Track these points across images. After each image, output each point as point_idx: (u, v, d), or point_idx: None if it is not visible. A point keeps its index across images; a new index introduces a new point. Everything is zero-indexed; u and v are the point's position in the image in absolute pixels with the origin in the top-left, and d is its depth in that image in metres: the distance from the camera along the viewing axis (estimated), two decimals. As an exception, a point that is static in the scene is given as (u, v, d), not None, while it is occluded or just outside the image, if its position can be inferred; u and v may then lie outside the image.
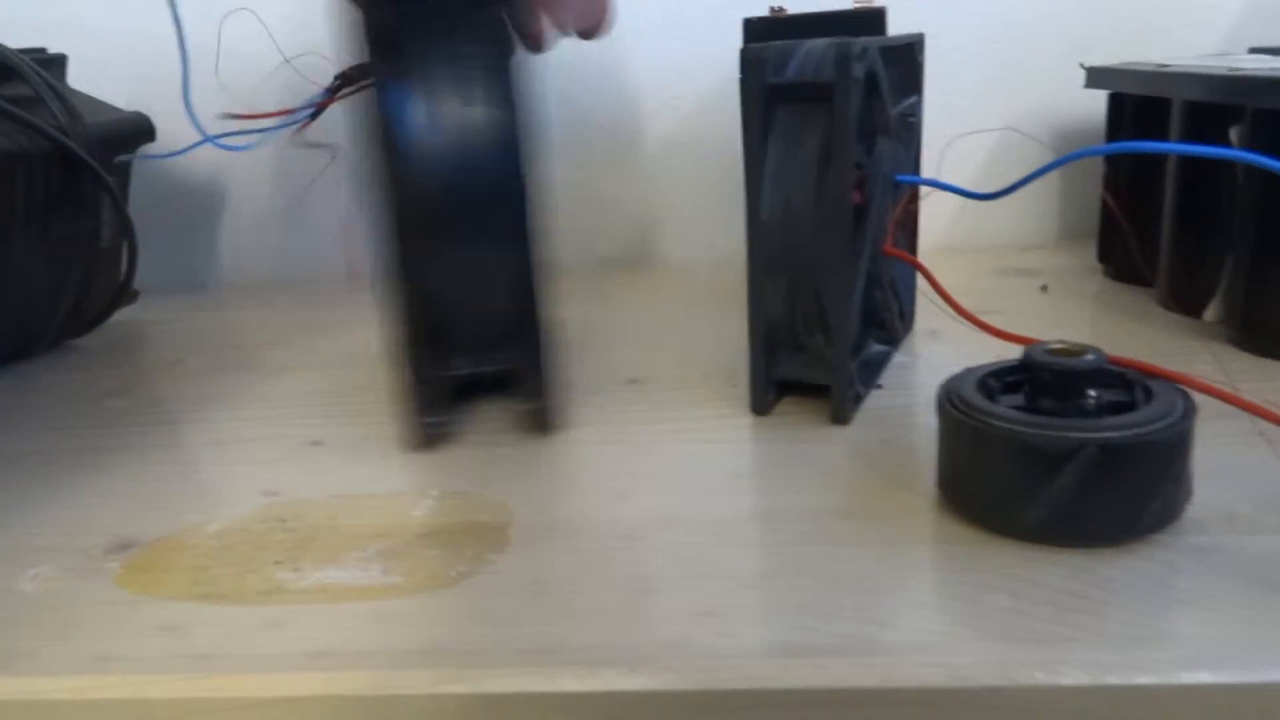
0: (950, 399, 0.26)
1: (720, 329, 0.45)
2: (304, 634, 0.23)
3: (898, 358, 0.39)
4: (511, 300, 0.33)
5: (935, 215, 0.53)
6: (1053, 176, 0.57)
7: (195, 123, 0.36)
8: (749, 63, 0.31)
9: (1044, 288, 0.48)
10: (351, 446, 0.35)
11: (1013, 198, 0.32)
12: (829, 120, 0.32)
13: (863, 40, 0.32)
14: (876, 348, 0.39)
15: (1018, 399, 0.26)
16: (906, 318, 0.42)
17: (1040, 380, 0.26)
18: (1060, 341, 0.26)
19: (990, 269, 0.52)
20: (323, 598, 0.25)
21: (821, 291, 0.33)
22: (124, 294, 0.51)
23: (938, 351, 0.40)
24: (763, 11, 0.45)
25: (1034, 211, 0.58)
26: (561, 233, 0.38)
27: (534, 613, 0.24)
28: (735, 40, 0.48)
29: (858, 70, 0.31)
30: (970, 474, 0.26)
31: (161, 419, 0.40)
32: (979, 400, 0.26)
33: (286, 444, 0.35)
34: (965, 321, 0.37)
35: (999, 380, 0.27)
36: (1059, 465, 0.24)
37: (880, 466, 0.30)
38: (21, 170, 0.44)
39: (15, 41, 0.46)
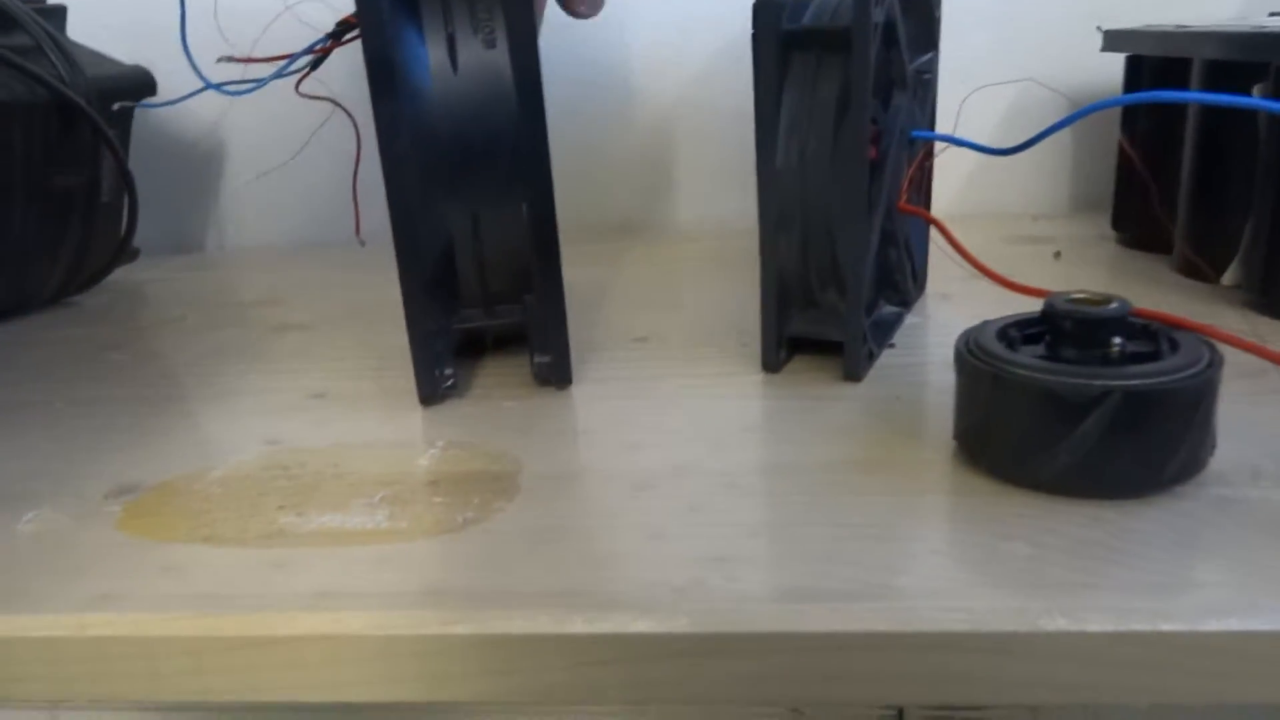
0: (969, 348, 0.26)
1: (729, 290, 0.44)
2: (307, 576, 0.23)
3: (910, 319, 0.39)
4: (522, 252, 0.32)
5: (947, 181, 0.52)
6: (1066, 145, 0.57)
7: (195, 67, 0.35)
8: (763, 7, 0.30)
9: (1057, 254, 0.47)
10: (355, 398, 0.34)
11: (1025, 164, 0.32)
12: (845, 69, 0.31)
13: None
14: (889, 308, 0.38)
15: (1039, 349, 0.26)
16: (919, 279, 0.41)
17: (1062, 329, 0.25)
18: (1082, 291, 0.26)
19: (1002, 236, 0.52)
20: (326, 541, 0.24)
21: (836, 244, 0.32)
22: (124, 251, 0.50)
23: (950, 313, 0.40)
24: None
25: (1046, 180, 0.57)
26: (568, 194, 0.38)
27: (543, 558, 0.23)
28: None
29: (877, 15, 0.30)
30: (990, 424, 0.25)
31: (162, 372, 0.39)
32: (999, 349, 0.25)
33: (289, 396, 0.35)
34: (978, 282, 0.37)
35: (1019, 331, 0.27)
36: (1082, 413, 0.23)
37: (894, 421, 0.30)
38: (20, 120, 0.43)
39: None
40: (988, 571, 0.22)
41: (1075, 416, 0.23)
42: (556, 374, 0.33)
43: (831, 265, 0.32)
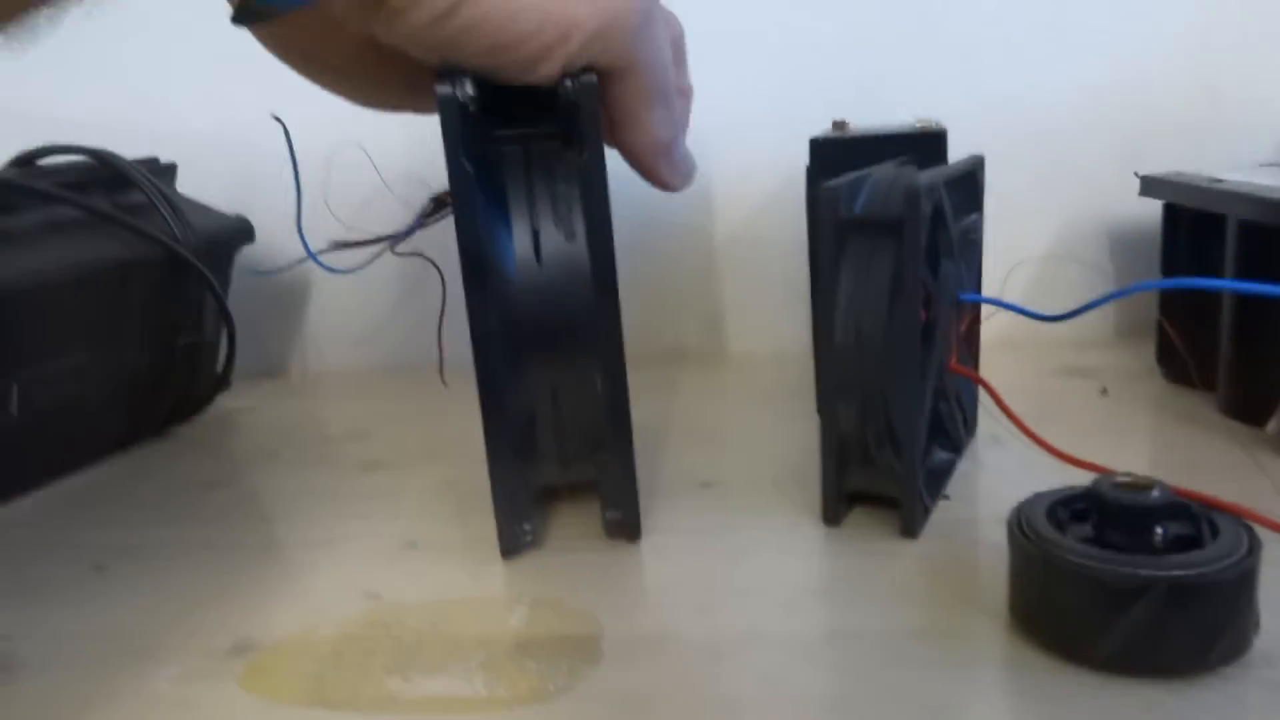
0: (1022, 528, 0.28)
1: (787, 427, 0.47)
2: (418, 745, 0.25)
3: (961, 465, 0.41)
4: (597, 413, 0.35)
5: (996, 311, 0.54)
6: (1111, 274, 0.59)
7: (306, 247, 0.39)
8: (824, 200, 0.33)
9: (1104, 391, 0.49)
10: (444, 549, 0.37)
11: (1072, 295, 0.34)
12: (898, 249, 0.34)
13: (929, 175, 0.34)
14: (941, 455, 0.40)
15: (1086, 529, 0.28)
16: (970, 425, 0.43)
17: (1109, 513, 0.27)
18: (1127, 475, 0.28)
19: (1049, 368, 0.54)
20: (432, 709, 0.27)
21: (891, 410, 0.34)
22: (221, 386, 0.55)
23: (1000, 459, 0.41)
24: (822, 120, 0.47)
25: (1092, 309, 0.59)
26: (629, 323, 0.40)
27: (631, 730, 0.25)
28: (796, 144, 0.51)
29: (925, 207, 0.33)
30: (1042, 603, 0.27)
31: (263, 515, 0.42)
32: (1050, 531, 0.27)
33: (383, 544, 0.38)
34: (1029, 424, 0.39)
35: (1067, 509, 0.29)
36: (1130, 601, 0.25)
37: (951, 584, 0.31)
38: (137, 275, 0.48)
39: (128, 148, 0.50)
40: (1046, 756, 0.23)
41: (1123, 603, 0.25)
42: (627, 531, 0.36)
43: (887, 428, 0.35)
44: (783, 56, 0.59)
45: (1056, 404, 0.48)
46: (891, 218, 0.33)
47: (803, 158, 0.45)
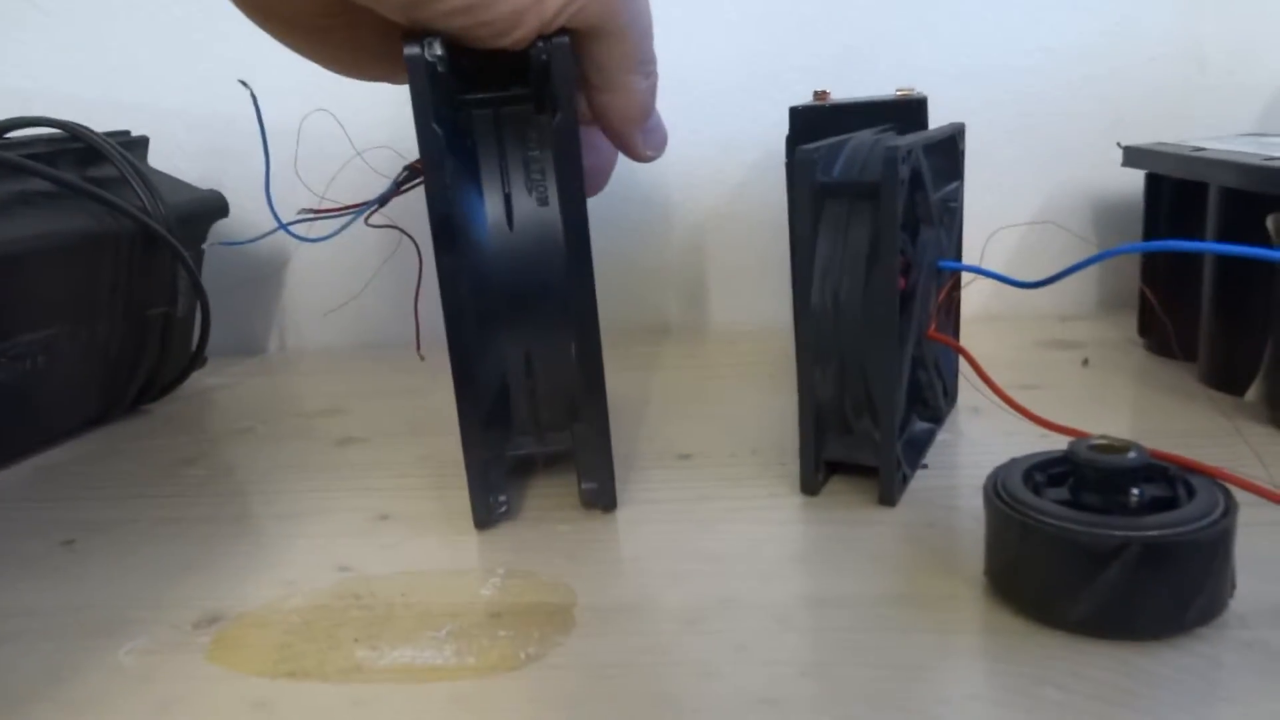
0: (998, 492, 0.28)
1: (768, 400, 0.46)
2: (387, 714, 0.25)
3: (941, 435, 0.41)
4: (570, 386, 0.35)
5: (979, 283, 0.54)
6: (1093, 245, 0.58)
7: (275, 215, 0.38)
8: (800, 164, 0.33)
9: (1085, 361, 0.49)
10: (417, 521, 0.37)
11: (1053, 264, 0.34)
12: (875, 215, 0.33)
13: (907, 140, 0.33)
14: (921, 425, 0.40)
15: (1063, 492, 0.27)
16: (950, 395, 0.43)
17: (1084, 475, 0.27)
18: (1103, 437, 0.28)
19: (1031, 340, 0.53)
20: (401, 677, 0.26)
21: (869, 378, 0.34)
22: (196, 361, 0.54)
23: (980, 428, 0.41)
24: (801, 93, 0.47)
25: (1074, 281, 0.59)
26: (609, 300, 0.40)
27: (601, 698, 0.25)
28: (777, 115, 0.50)
29: (903, 172, 0.32)
30: (1018, 566, 0.27)
31: (236, 489, 0.42)
32: (1025, 495, 0.27)
33: (355, 517, 0.37)
34: (1009, 394, 0.39)
35: (1044, 473, 0.28)
36: (1104, 562, 0.25)
37: (928, 550, 0.31)
38: (109, 249, 0.47)
39: (99, 122, 0.50)
40: (1027, 715, 0.23)
41: (1098, 565, 0.25)
42: (603, 499, 0.35)
43: (865, 396, 0.34)
44: (763, 26, 0.58)
45: (1038, 374, 0.48)
46: (869, 182, 0.33)
47: (783, 129, 0.44)
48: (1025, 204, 0.58)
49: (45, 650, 0.29)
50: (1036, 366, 0.49)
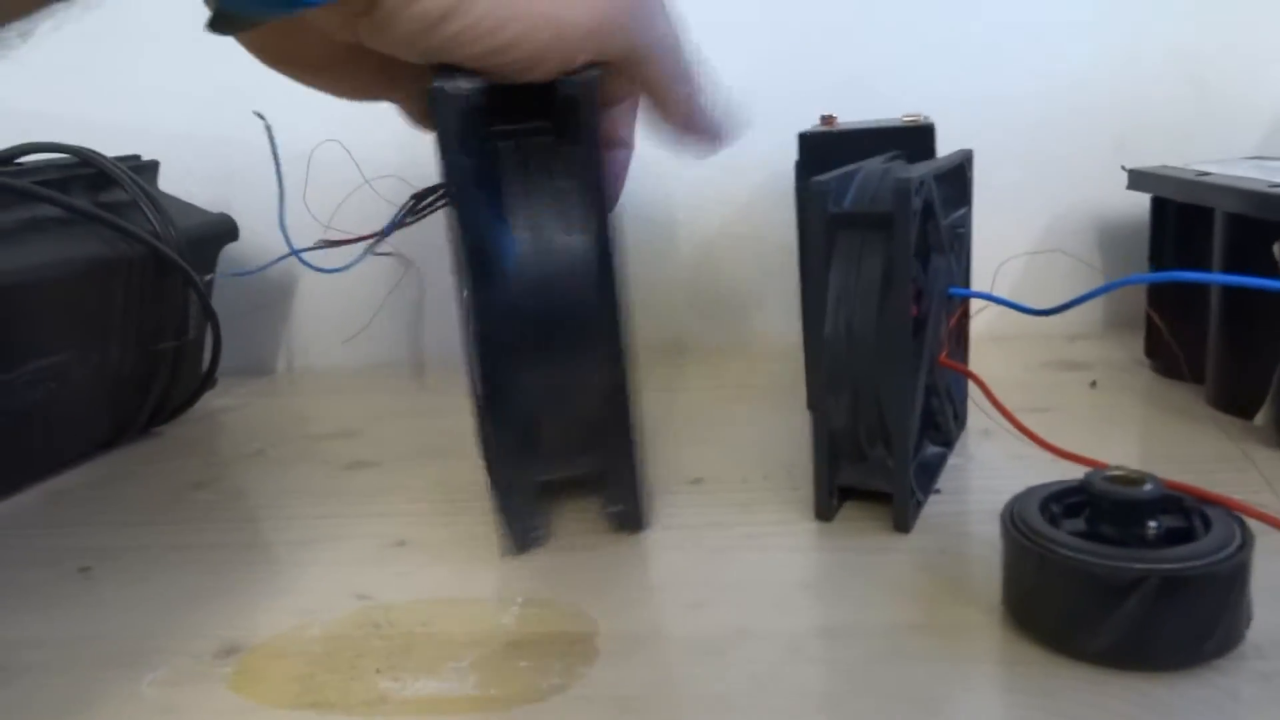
0: (1015, 523, 0.28)
1: (779, 422, 0.47)
2: (410, 747, 0.25)
3: (952, 459, 0.41)
4: (600, 408, 0.35)
5: (984, 304, 0.54)
6: (1099, 268, 0.59)
7: (289, 243, 0.39)
8: (813, 195, 0.33)
9: (1093, 384, 0.49)
10: (433, 547, 0.37)
11: (1061, 289, 0.34)
12: (888, 245, 0.34)
13: (919, 170, 0.34)
14: (932, 449, 0.40)
15: (1079, 523, 0.28)
16: (960, 419, 0.43)
17: (1101, 507, 0.27)
18: (1119, 468, 0.28)
19: (1039, 361, 0.54)
20: (424, 710, 0.27)
21: (883, 405, 0.34)
22: (206, 384, 0.54)
23: (991, 452, 0.41)
24: (809, 117, 0.47)
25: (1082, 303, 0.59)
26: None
27: (625, 730, 0.25)
28: (784, 138, 0.51)
29: (915, 203, 0.33)
30: (1035, 597, 0.27)
31: (248, 515, 0.42)
32: (1043, 526, 0.27)
33: (371, 544, 0.37)
34: (1019, 417, 0.39)
35: (1060, 504, 0.29)
36: (1123, 595, 0.25)
37: (944, 578, 0.31)
38: (120, 274, 0.47)
39: (108, 146, 0.50)
40: (1041, 751, 0.23)
41: (1116, 597, 0.25)
42: (630, 522, 0.36)
43: (879, 422, 0.35)
44: (770, 50, 0.59)
45: (1046, 397, 0.48)
46: (881, 213, 0.33)
47: (790, 152, 0.45)
48: (1030, 228, 0.58)
49: (62, 683, 0.29)
50: (1045, 389, 0.50)
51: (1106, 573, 0.25)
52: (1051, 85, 0.57)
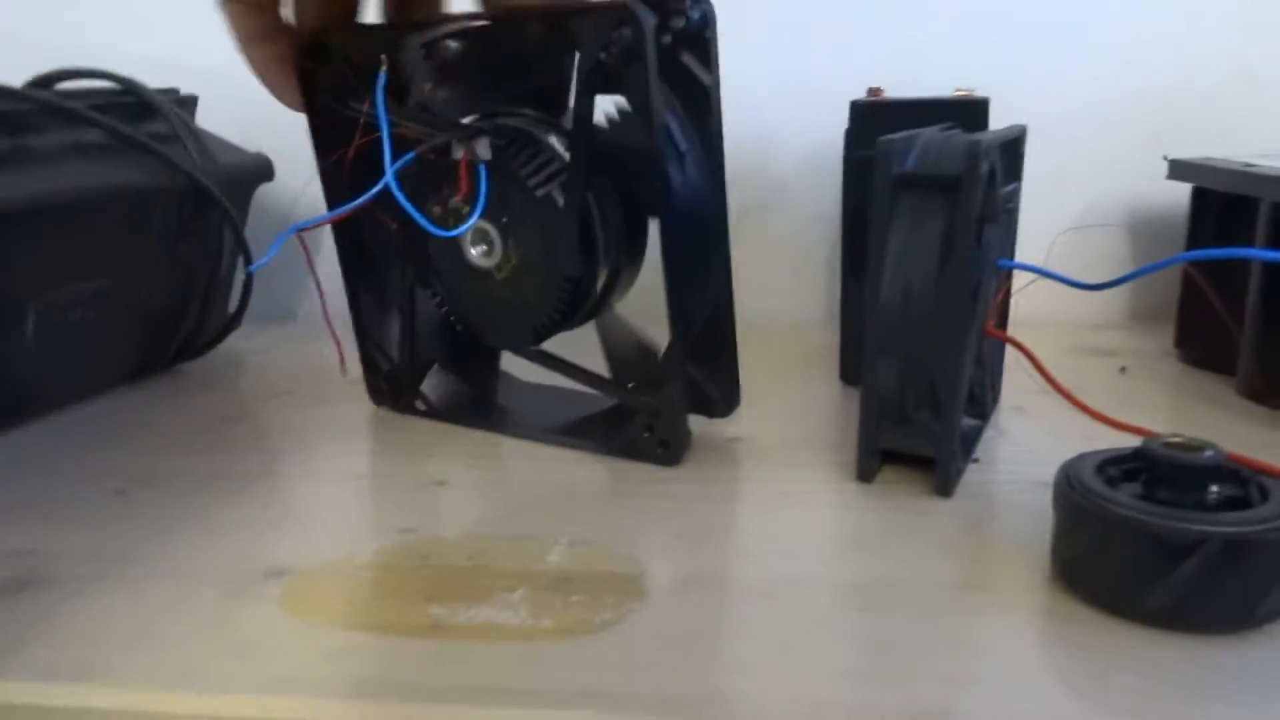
0: (1071, 483, 0.28)
1: (808, 391, 0.47)
2: (471, 670, 0.25)
3: (987, 432, 0.41)
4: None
5: (1029, 280, 0.55)
6: (1126, 258, 0.59)
7: (403, 201, 0.38)
8: (882, 154, 0.33)
9: (1123, 369, 0.49)
10: (474, 488, 0.37)
11: (1087, 276, 0.34)
12: (950, 209, 0.34)
13: (987, 137, 0.34)
14: (969, 421, 0.40)
15: (1136, 487, 0.28)
16: (995, 393, 0.43)
17: (1160, 472, 0.27)
18: (1177, 435, 0.28)
19: (1065, 347, 0.54)
20: (478, 636, 0.27)
21: (934, 370, 0.34)
22: (235, 323, 0.54)
23: (1025, 427, 0.42)
24: (848, 91, 0.47)
25: (1106, 290, 0.59)
26: (653, 290, 0.40)
27: (681, 666, 0.25)
28: (820, 112, 0.51)
29: (984, 166, 0.33)
30: (1091, 557, 0.27)
31: (283, 448, 0.42)
32: (1101, 487, 0.27)
33: (410, 482, 0.37)
34: (1047, 397, 0.39)
35: (1116, 468, 0.29)
36: (1183, 555, 0.25)
37: (990, 540, 0.32)
38: (158, 205, 0.47)
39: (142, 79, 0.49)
40: (1103, 704, 0.23)
41: (1176, 558, 0.25)
42: (671, 455, 0.37)
43: (928, 387, 0.35)
44: (812, 24, 0.59)
45: (1075, 380, 0.47)
46: (949, 175, 0.33)
47: (825, 126, 0.45)
48: (1064, 212, 0.58)
49: (111, 593, 0.29)
50: (1073, 372, 0.49)
51: (1169, 533, 0.25)
52: (1093, 72, 0.57)
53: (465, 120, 0.39)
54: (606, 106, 0.36)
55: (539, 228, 0.37)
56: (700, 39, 0.35)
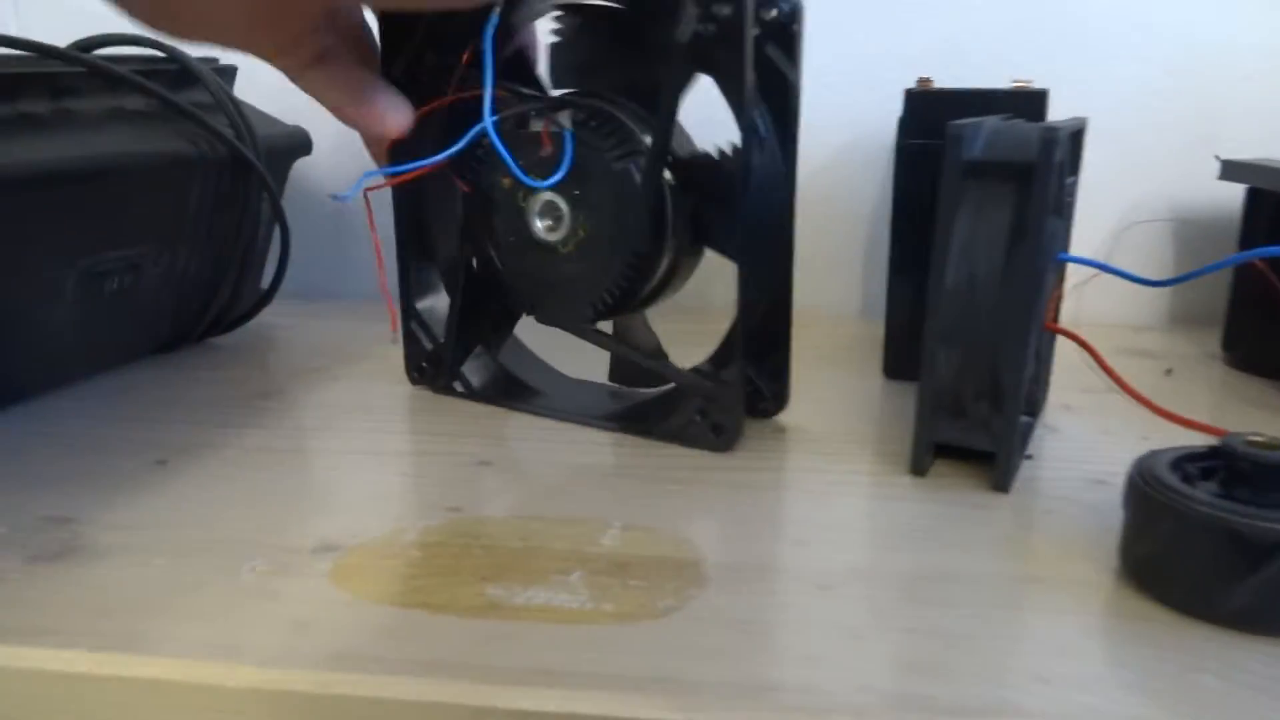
0: (1145, 479, 0.27)
1: (851, 383, 0.46)
2: (528, 651, 0.25)
3: (1038, 429, 0.40)
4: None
5: (1093, 274, 0.54)
6: (1168, 260, 0.58)
7: (506, 150, 0.37)
8: (951, 139, 0.32)
9: (1169, 371, 0.49)
10: (519, 469, 0.36)
11: (1150, 269, 0.34)
12: (1017, 198, 0.33)
13: (1062, 126, 0.33)
14: (1022, 418, 0.40)
15: (1213, 486, 0.27)
16: (1045, 389, 0.43)
17: (1241, 470, 0.27)
18: (1256, 434, 0.27)
19: (1107, 348, 0.53)
20: (538, 617, 0.26)
21: (997, 361, 0.34)
22: (269, 298, 0.53)
23: (1076, 425, 0.41)
24: (884, 81, 0.47)
25: (1146, 292, 0.59)
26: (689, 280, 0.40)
27: (753, 651, 0.25)
28: (857, 104, 0.50)
29: (1058, 154, 0.32)
30: (1166, 555, 0.27)
31: (321, 424, 0.41)
32: (1178, 484, 0.27)
33: (454, 460, 0.37)
34: (1096, 395, 0.39)
35: (1193, 465, 0.28)
36: (1267, 556, 0.24)
37: (1053, 536, 0.31)
38: (198, 175, 0.46)
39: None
40: (1181, 702, 0.23)
41: (1259, 558, 0.25)
42: (724, 441, 0.37)
43: (988, 379, 0.34)
44: (859, 14, 0.58)
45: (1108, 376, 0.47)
46: (1021, 162, 0.32)
47: (863, 116, 0.44)
48: (1110, 210, 0.58)
49: (156, 563, 0.29)
50: (1122, 373, 0.49)
51: (1252, 532, 0.25)
52: (1143, 70, 0.57)
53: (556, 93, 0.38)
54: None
55: (612, 202, 0.36)
56: (787, 32, 0.35)
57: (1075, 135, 0.39)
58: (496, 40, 0.35)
